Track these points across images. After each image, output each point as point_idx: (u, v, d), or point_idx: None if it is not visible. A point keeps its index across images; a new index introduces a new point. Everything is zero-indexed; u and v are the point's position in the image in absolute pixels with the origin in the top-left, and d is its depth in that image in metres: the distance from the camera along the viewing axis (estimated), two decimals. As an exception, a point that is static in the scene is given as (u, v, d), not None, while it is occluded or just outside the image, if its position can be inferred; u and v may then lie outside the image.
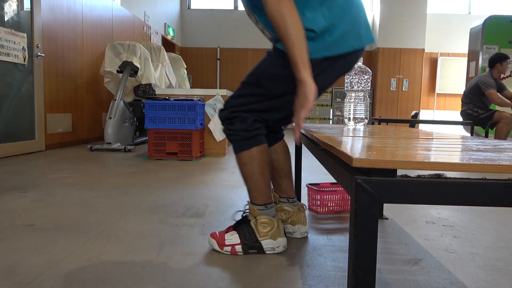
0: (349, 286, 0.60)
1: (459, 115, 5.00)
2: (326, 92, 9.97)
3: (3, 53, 3.73)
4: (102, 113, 5.89)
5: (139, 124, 5.35)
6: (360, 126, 1.79)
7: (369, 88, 1.75)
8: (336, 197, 1.99)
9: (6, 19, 3.81)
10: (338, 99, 10.16)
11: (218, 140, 4.34)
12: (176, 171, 3.24)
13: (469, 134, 5.86)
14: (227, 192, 2.46)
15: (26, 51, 4.09)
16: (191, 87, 8.96)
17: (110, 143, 4.59)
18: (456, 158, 0.66)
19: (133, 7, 7.13)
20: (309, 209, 2.07)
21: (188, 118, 3.88)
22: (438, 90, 10.50)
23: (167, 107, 3.89)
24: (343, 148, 0.72)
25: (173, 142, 3.95)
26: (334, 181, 2.30)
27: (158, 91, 4.53)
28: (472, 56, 7.23)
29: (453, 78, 10.33)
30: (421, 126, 9.86)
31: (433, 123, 5.02)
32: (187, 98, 3.97)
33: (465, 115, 4.83)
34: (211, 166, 3.56)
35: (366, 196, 0.58)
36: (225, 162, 3.85)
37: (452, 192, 0.58)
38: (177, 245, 1.50)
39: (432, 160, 0.61)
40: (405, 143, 0.93)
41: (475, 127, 5.10)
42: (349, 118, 1.76)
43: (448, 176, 0.60)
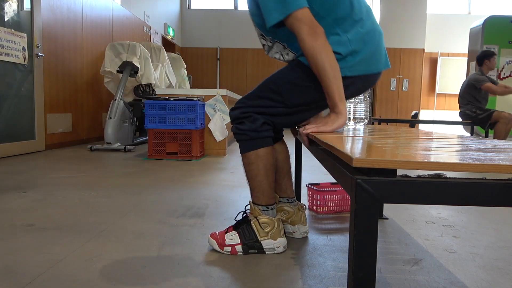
0: (349, 286, 0.60)
1: (458, 116, 5.00)
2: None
3: (3, 53, 3.73)
4: (102, 113, 5.89)
5: (139, 124, 5.35)
6: (360, 126, 1.79)
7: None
8: (336, 197, 1.99)
9: (6, 19, 3.81)
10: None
11: (218, 140, 4.34)
12: (176, 171, 3.24)
13: (469, 134, 5.86)
14: (227, 192, 2.46)
15: (26, 51, 4.09)
16: (191, 87, 8.95)
17: (110, 143, 4.59)
18: (456, 158, 0.66)
19: (133, 7, 7.13)
20: (309, 209, 2.07)
21: (188, 118, 3.88)
22: (438, 90, 10.50)
23: (167, 107, 3.89)
24: (343, 148, 0.72)
25: (173, 142, 3.95)
26: (334, 181, 2.30)
27: (158, 91, 4.54)
28: (472, 56, 7.23)
29: (453, 78, 10.34)
30: (421, 126, 9.86)
31: (433, 123, 5.02)
32: (187, 98, 3.97)
33: (464, 115, 4.84)
34: (211, 166, 3.56)
35: (366, 196, 0.58)
36: (225, 162, 3.85)
37: (452, 192, 0.58)
38: (177, 245, 1.50)
39: (432, 160, 0.61)
40: (405, 143, 0.93)
41: (475, 127, 5.10)
42: (349, 118, 1.76)
43: (448, 176, 0.60)
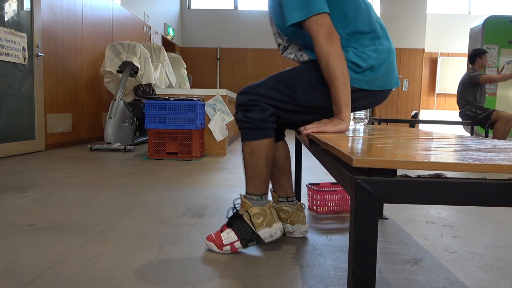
0: (349, 286, 0.60)
1: (458, 116, 5.01)
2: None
3: (3, 53, 3.73)
4: (102, 113, 5.89)
5: (139, 124, 5.35)
6: (360, 126, 1.79)
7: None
8: (336, 197, 1.99)
9: (6, 19, 3.81)
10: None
11: (218, 140, 4.34)
12: (176, 171, 3.24)
13: (469, 134, 5.86)
14: (227, 192, 2.46)
15: (26, 51, 4.09)
16: (191, 87, 8.96)
17: (110, 143, 4.59)
18: (456, 158, 0.66)
19: (133, 7, 7.13)
20: (309, 209, 2.07)
21: (188, 118, 3.88)
22: (438, 90, 10.50)
23: (167, 107, 3.89)
24: (343, 148, 0.72)
25: (173, 142, 3.95)
26: (334, 181, 2.30)
27: (158, 91, 4.53)
28: (472, 56, 7.23)
29: (453, 78, 10.33)
30: (421, 126, 9.86)
31: (433, 123, 5.02)
32: (187, 98, 3.97)
33: (463, 115, 4.84)
34: (211, 166, 3.56)
35: (366, 196, 0.58)
36: (225, 162, 3.85)
37: (452, 192, 0.58)
38: (177, 245, 1.50)
39: (432, 160, 0.61)
40: (405, 143, 0.93)
41: (475, 127, 5.10)
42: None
43: (448, 176, 0.60)
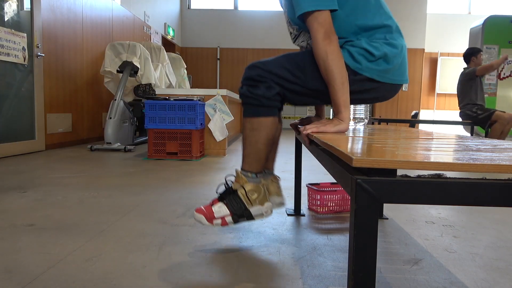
0: (349, 286, 0.60)
1: (458, 116, 5.01)
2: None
3: (3, 53, 3.73)
4: (102, 113, 5.89)
5: (139, 124, 5.35)
6: (360, 126, 1.79)
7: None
8: (336, 197, 1.99)
9: (6, 19, 3.81)
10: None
11: (218, 140, 4.34)
12: (176, 171, 3.24)
13: (469, 134, 5.86)
14: (227, 192, 2.45)
15: (26, 51, 4.09)
16: (191, 87, 8.96)
17: (110, 143, 4.59)
18: (456, 158, 0.66)
19: (133, 7, 7.13)
20: (309, 209, 2.07)
21: (188, 118, 3.88)
22: (438, 90, 10.50)
23: (167, 107, 3.89)
24: (343, 148, 0.72)
25: (173, 142, 3.95)
26: (334, 181, 2.30)
27: (158, 91, 4.54)
28: (472, 56, 7.23)
29: (453, 78, 10.33)
30: (421, 126, 9.86)
31: (433, 123, 5.02)
32: (187, 98, 3.97)
33: (464, 115, 4.84)
34: (211, 166, 3.56)
35: (366, 196, 0.58)
36: (225, 162, 3.85)
37: (452, 192, 0.58)
38: (177, 245, 1.50)
39: (432, 160, 0.60)
40: (405, 143, 0.93)
41: (475, 127, 5.10)
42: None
43: (448, 176, 0.60)
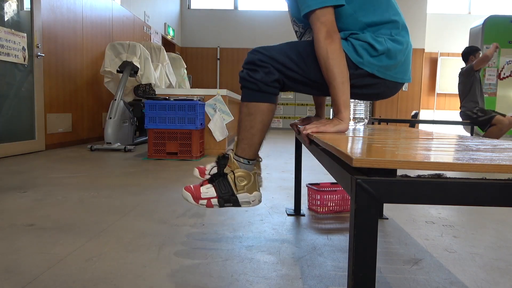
0: (349, 286, 0.60)
1: (459, 116, 5.00)
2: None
3: (3, 53, 3.73)
4: (102, 113, 5.89)
5: (139, 124, 5.35)
6: (360, 126, 1.79)
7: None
8: (336, 197, 1.99)
9: (6, 19, 3.81)
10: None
11: (218, 140, 4.34)
12: (176, 171, 3.24)
13: (469, 134, 5.86)
14: (227, 192, 2.45)
15: (26, 51, 4.09)
16: (191, 87, 8.95)
17: (110, 143, 4.59)
18: (456, 158, 0.66)
19: (133, 7, 7.13)
20: (309, 209, 2.07)
21: (188, 118, 3.88)
22: (438, 90, 10.50)
23: (167, 107, 3.89)
24: (343, 148, 0.72)
25: (173, 142, 3.95)
26: (334, 181, 2.30)
27: (158, 91, 4.53)
28: (472, 56, 7.23)
29: (453, 78, 10.32)
30: (421, 126, 9.86)
31: (433, 123, 5.02)
32: (187, 98, 3.97)
33: (464, 116, 4.84)
34: (211, 166, 3.55)
35: (366, 196, 0.58)
36: (225, 162, 3.84)
37: (452, 192, 0.58)
38: (177, 245, 1.50)
39: (432, 160, 0.60)
40: (405, 143, 0.93)
41: (475, 127, 5.10)
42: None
43: (448, 176, 0.60)
